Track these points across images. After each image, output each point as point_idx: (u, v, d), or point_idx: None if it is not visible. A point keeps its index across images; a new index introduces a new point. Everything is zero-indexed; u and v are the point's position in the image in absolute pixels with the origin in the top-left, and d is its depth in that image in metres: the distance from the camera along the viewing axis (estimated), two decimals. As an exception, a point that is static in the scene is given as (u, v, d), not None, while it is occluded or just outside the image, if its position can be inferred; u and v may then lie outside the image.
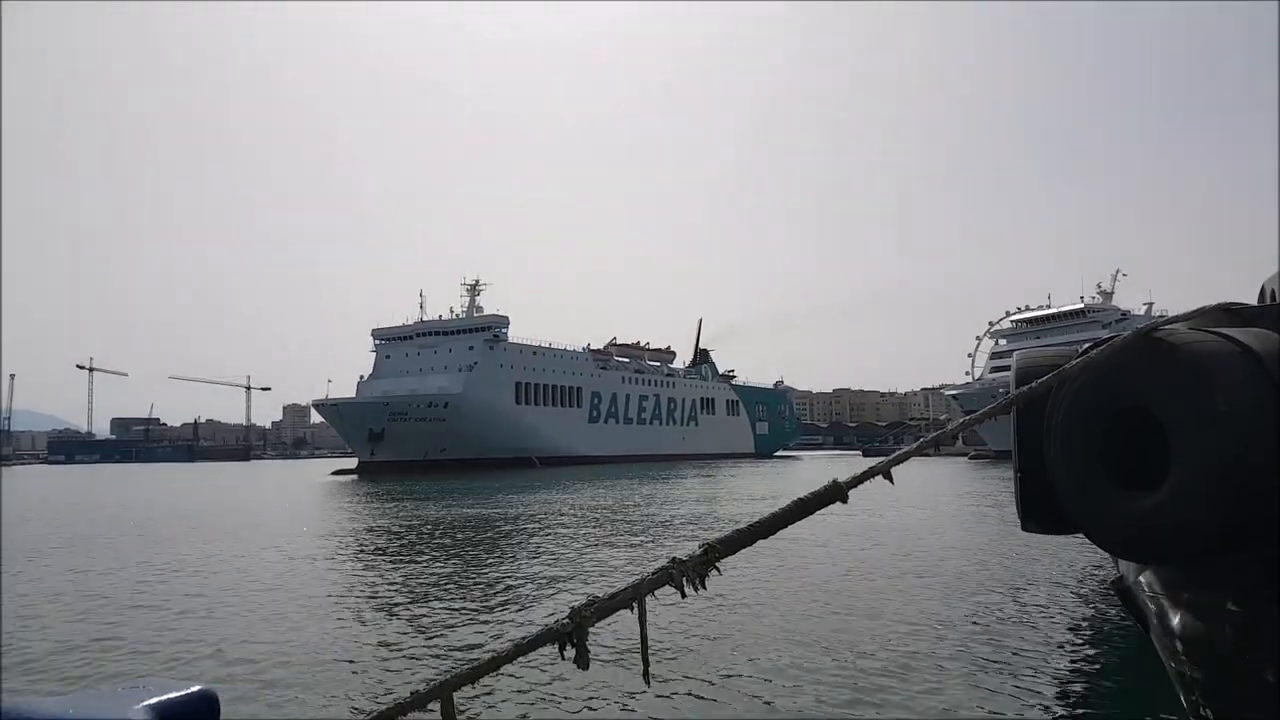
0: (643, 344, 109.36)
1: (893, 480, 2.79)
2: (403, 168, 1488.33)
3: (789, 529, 2.74)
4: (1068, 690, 6.36)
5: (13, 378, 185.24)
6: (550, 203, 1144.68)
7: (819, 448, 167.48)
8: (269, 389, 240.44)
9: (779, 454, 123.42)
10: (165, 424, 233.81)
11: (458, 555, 15.00)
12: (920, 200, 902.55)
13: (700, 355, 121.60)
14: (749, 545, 2.69)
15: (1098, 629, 8.34)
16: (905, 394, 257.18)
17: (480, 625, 8.97)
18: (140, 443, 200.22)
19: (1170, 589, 3.80)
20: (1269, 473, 3.13)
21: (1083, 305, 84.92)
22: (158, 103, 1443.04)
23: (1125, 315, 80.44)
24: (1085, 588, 10.28)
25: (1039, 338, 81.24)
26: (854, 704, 6.06)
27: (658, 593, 2.57)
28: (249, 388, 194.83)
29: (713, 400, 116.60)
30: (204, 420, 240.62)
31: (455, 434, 74.01)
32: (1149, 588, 4.02)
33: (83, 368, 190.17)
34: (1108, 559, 6.87)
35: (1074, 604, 9.43)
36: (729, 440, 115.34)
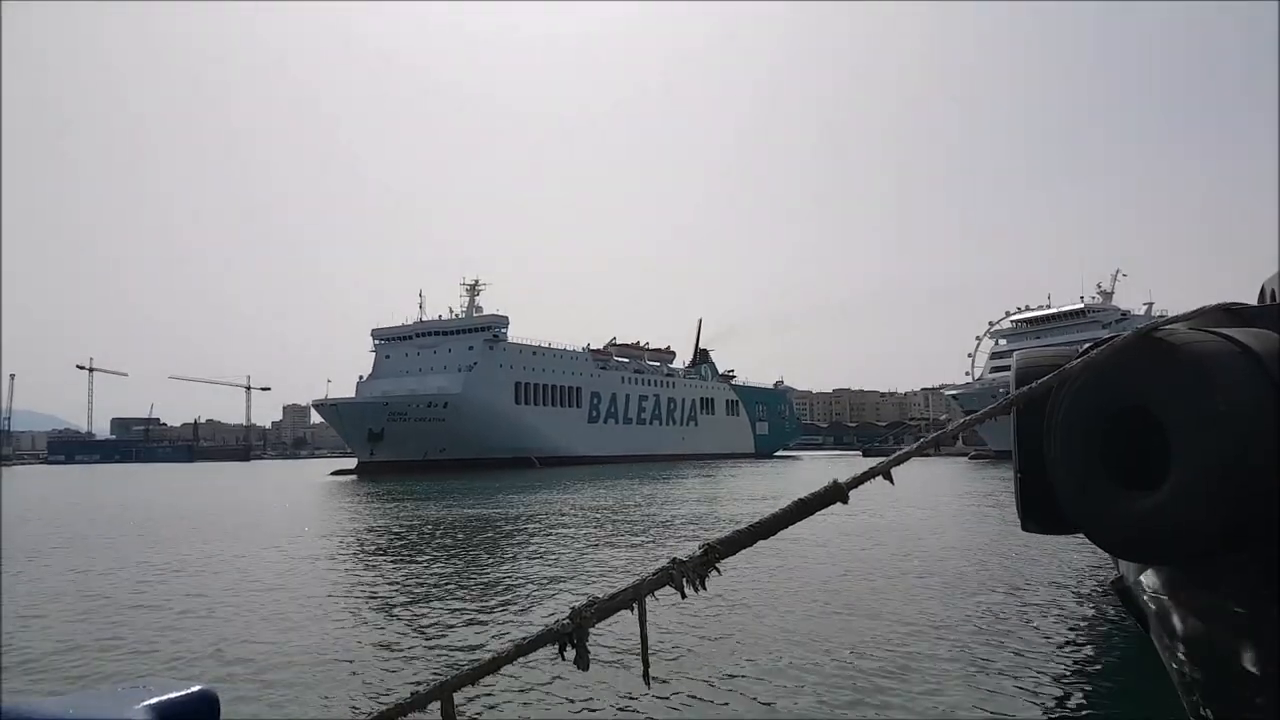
0: (642, 344, 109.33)
1: (893, 481, 2.79)
2: (403, 167, 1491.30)
3: (789, 529, 2.74)
4: (1068, 690, 6.36)
5: (13, 378, 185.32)
6: (550, 202, 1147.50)
7: (819, 448, 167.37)
8: (269, 389, 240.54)
9: (779, 454, 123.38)
10: (165, 424, 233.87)
11: (457, 555, 15.00)
12: (920, 200, 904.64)
13: (700, 355, 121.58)
14: (749, 546, 2.69)
15: (1098, 629, 8.34)
16: (905, 394, 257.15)
17: (480, 625, 8.97)
18: (140, 443, 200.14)
19: (1170, 589, 3.80)
20: (1269, 473, 3.13)
21: (1083, 305, 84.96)
22: (158, 102, 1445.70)
23: (1125, 315, 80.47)
24: (1085, 588, 10.28)
25: (1039, 338, 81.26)
26: (854, 704, 6.06)
27: (658, 593, 2.57)
28: (249, 388, 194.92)
29: (712, 400, 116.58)
30: (204, 420, 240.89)
31: (455, 434, 74.00)
32: (1149, 588, 4.02)
33: (83, 368, 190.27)
34: (1108, 559, 6.88)
35: (1074, 604, 9.43)
36: (729, 440, 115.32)
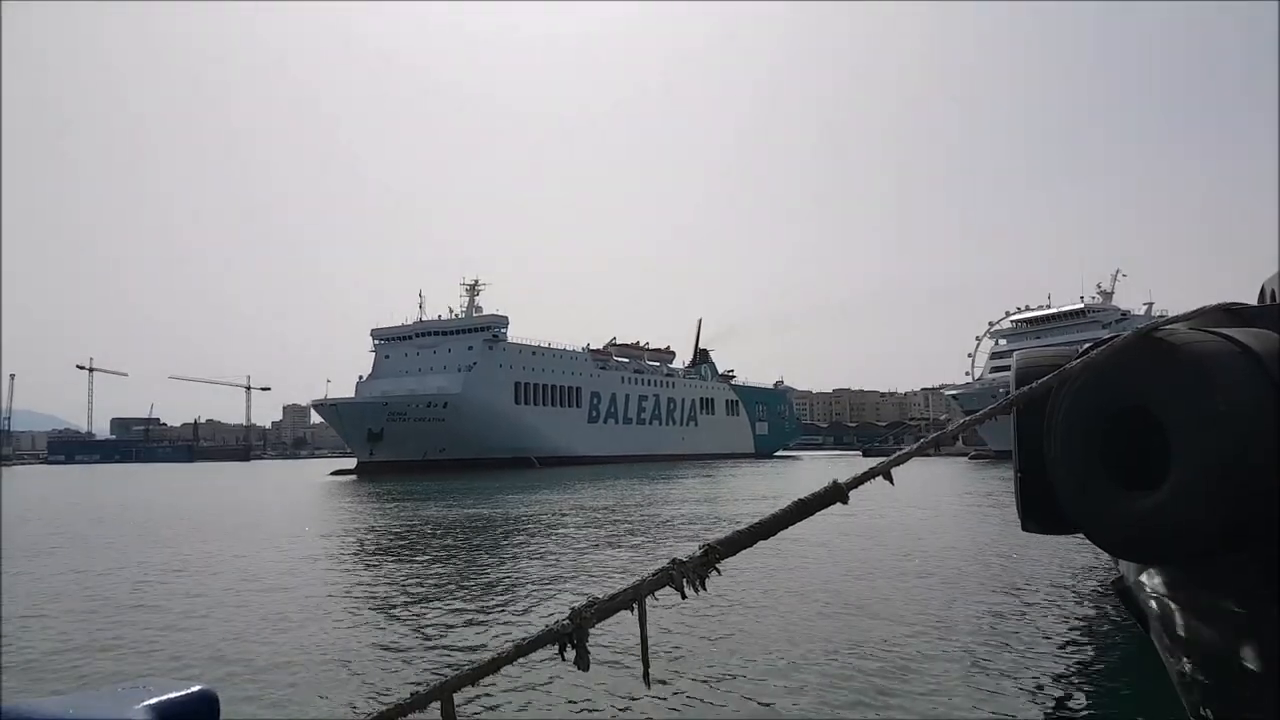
0: (642, 344, 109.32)
1: (893, 481, 2.79)
2: (403, 167, 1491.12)
3: (789, 529, 2.74)
4: (1068, 690, 6.36)
5: (13, 378, 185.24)
6: (550, 202, 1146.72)
7: (819, 448, 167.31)
8: (269, 389, 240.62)
9: (779, 454, 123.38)
10: (165, 424, 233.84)
11: (457, 556, 15.00)
12: (920, 200, 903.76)
13: (700, 355, 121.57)
14: (749, 546, 2.69)
15: (1098, 629, 8.34)
16: (905, 394, 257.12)
17: (480, 626, 8.97)
18: (140, 443, 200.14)
19: (1170, 589, 3.80)
20: (1269, 473, 3.13)
21: (1083, 305, 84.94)
22: (158, 102, 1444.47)
23: (1125, 315, 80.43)
24: (1085, 588, 10.29)
25: (1039, 338, 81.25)
26: (855, 705, 6.06)
27: (658, 594, 2.57)
28: (249, 388, 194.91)
29: (712, 400, 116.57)
30: (204, 420, 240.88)
31: (454, 434, 73.99)
32: (1149, 588, 4.03)
33: (83, 368, 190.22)
34: (1108, 559, 6.88)
35: (1074, 604, 9.43)
36: (728, 440, 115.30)
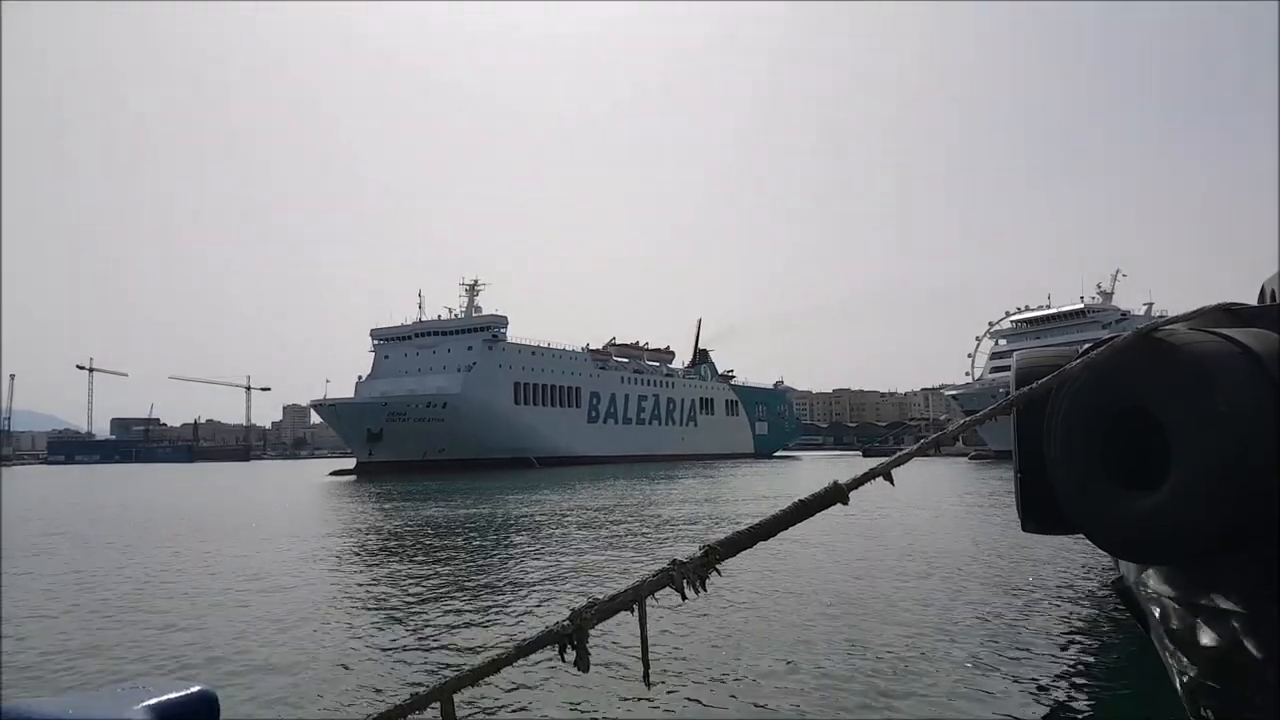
0: (642, 344, 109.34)
1: (893, 482, 2.80)
2: (403, 167, 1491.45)
3: (790, 530, 2.74)
4: (1068, 690, 6.36)
5: (13, 378, 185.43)
6: (550, 202, 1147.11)
7: (819, 448, 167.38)
8: (269, 389, 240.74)
9: (779, 454, 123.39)
10: (165, 424, 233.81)
11: (457, 556, 15.00)
12: (920, 200, 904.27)
13: (699, 355, 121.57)
14: (749, 547, 2.69)
15: (1098, 629, 8.34)
16: (905, 394, 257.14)
17: (480, 627, 8.97)
18: (140, 443, 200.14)
19: (1170, 589, 3.80)
20: (1269, 473, 3.13)
21: (1083, 305, 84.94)
22: (158, 102, 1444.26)
23: (1125, 315, 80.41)
24: (1085, 588, 10.29)
25: (1039, 338, 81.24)
26: (855, 705, 6.06)
27: (658, 594, 2.57)
28: (249, 388, 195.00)
29: (712, 400, 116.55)
30: (204, 420, 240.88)
31: (454, 434, 73.98)
32: (1149, 588, 4.03)
33: (83, 368, 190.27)
34: (1108, 559, 6.87)
35: (1074, 604, 9.43)
36: (728, 440, 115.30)
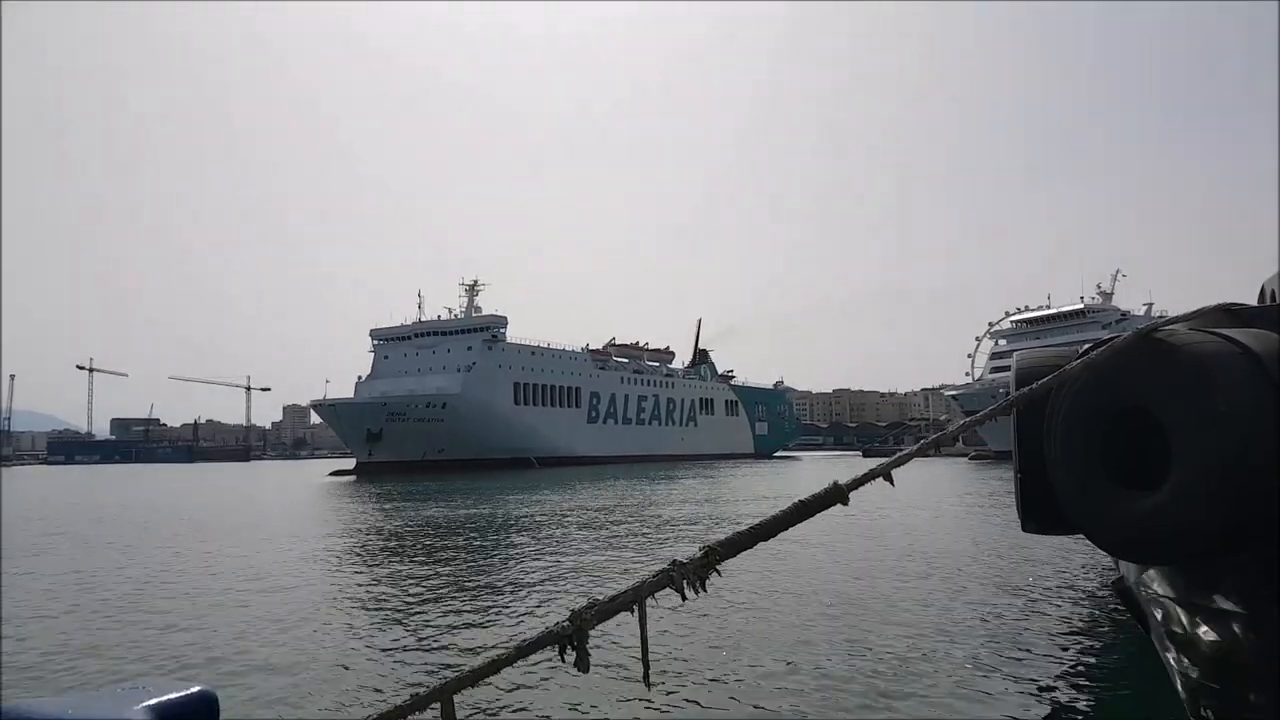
0: (642, 344, 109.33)
1: (893, 482, 2.79)
2: (402, 167, 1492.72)
3: (790, 530, 2.74)
4: (1068, 690, 6.36)
5: (13, 378, 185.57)
6: (549, 202, 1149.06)
7: (819, 448, 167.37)
8: (269, 389, 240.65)
9: (778, 454, 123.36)
10: (165, 424, 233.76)
11: (457, 557, 15.00)
12: (920, 200, 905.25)
13: (699, 355, 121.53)
14: (749, 547, 2.69)
15: (1098, 629, 8.34)
16: (905, 394, 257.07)
17: (480, 627, 8.96)
18: (140, 443, 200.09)
19: (1170, 589, 3.80)
20: (1269, 473, 3.13)
21: (1082, 306, 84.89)
22: (158, 102, 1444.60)
23: (1125, 316, 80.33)
24: (1085, 588, 10.29)
25: (1039, 338, 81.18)
26: (855, 705, 6.06)
27: (658, 595, 2.57)
28: (249, 388, 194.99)
29: (712, 401, 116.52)
30: (204, 421, 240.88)
31: (453, 434, 73.93)
32: (1149, 588, 4.02)
33: (83, 368, 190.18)
34: (1108, 559, 6.87)
35: (1074, 604, 9.43)
36: (728, 441, 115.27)
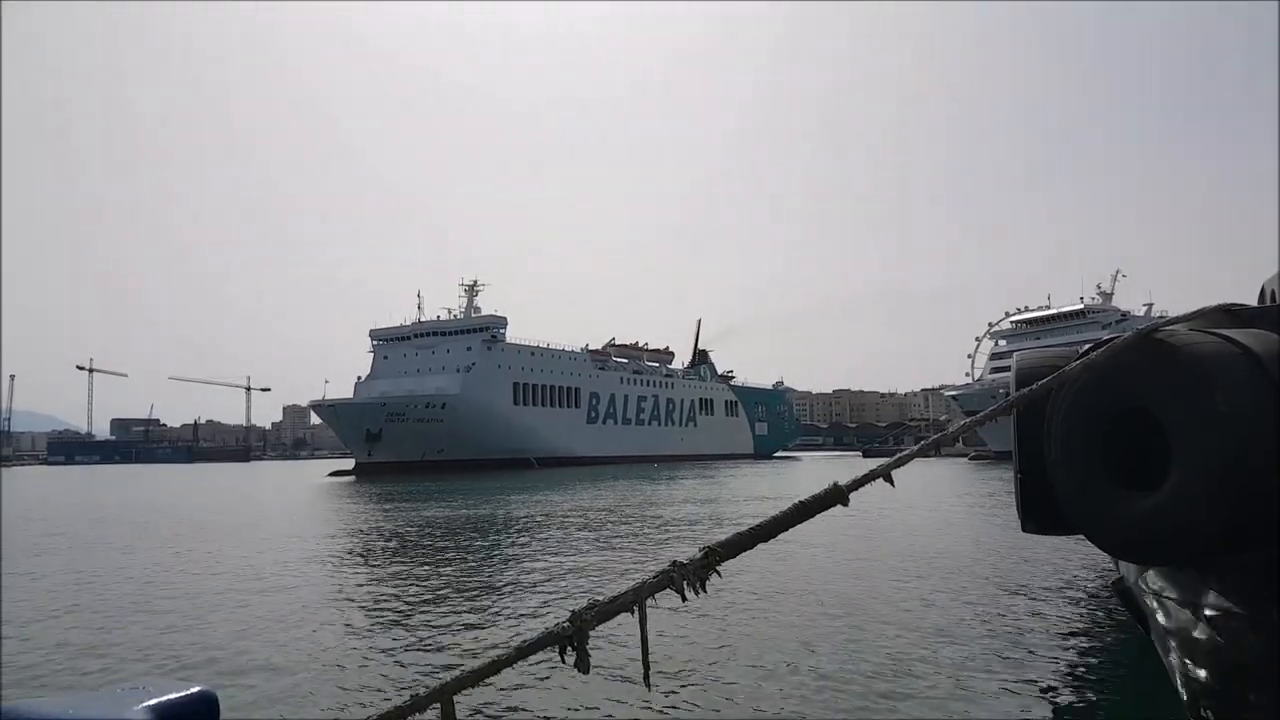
0: (641, 344, 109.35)
1: (893, 483, 2.79)
2: (402, 167, 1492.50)
3: (790, 531, 2.74)
4: (1068, 690, 6.36)
5: (13, 378, 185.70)
6: (549, 202, 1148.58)
7: (819, 448, 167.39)
8: (269, 390, 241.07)
9: (778, 455, 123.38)
10: (165, 424, 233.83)
11: (456, 557, 14.99)
12: (920, 200, 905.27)
13: (699, 355, 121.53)
14: (750, 548, 2.69)
15: (1098, 629, 8.34)
16: (905, 394, 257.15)
17: (480, 628, 8.96)
18: (140, 443, 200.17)
19: (1170, 589, 3.80)
20: (1269, 473, 3.13)
21: (1082, 306, 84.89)
22: (158, 102, 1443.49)
23: (1125, 316, 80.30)
24: (1085, 588, 10.28)
25: (1039, 339, 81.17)
26: (855, 706, 6.06)
27: (658, 596, 2.57)
28: (249, 388, 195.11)
29: (711, 401, 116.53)
30: (204, 421, 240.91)
31: (453, 435, 73.94)
32: (1149, 588, 4.03)
33: (83, 368, 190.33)
34: (1108, 560, 6.87)
35: (1074, 604, 9.43)
36: (728, 441, 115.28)
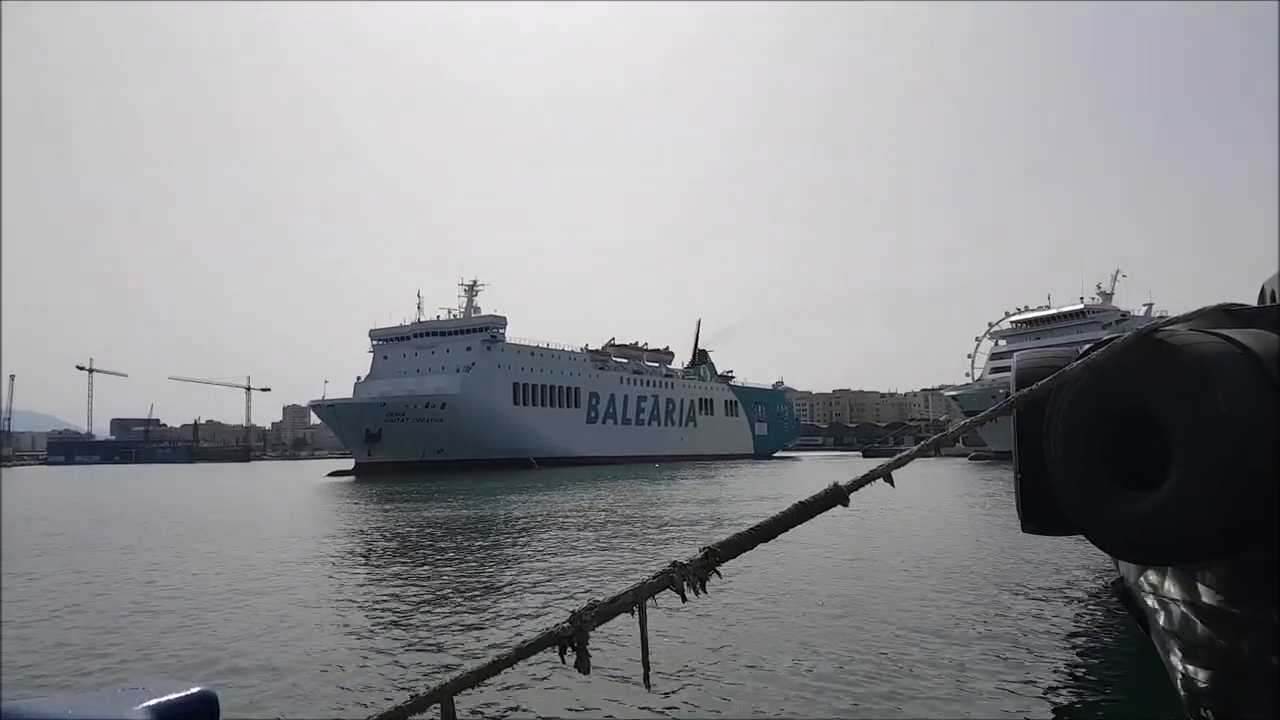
0: (641, 344, 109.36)
1: (894, 483, 2.79)
2: (402, 167, 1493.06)
3: (790, 531, 2.74)
4: (1068, 690, 6.36)
5: (13, 378, 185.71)
6: (549, 202, 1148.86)
7: (819, 449, 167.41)
8: (269, 390, 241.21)
9: (778, 455, 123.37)
10: (165, 424, 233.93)
11: (456, 557, 14.99)
12: (920, 200, 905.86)
13: (699, 355, 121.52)
14: (750, 549, 2.69)
15: (1098, 629, 8.34)
16: (905, 394, 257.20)
17: (481, 629, 8.96)
18: (140, 443, 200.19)
19: (1170, 589, 3.80)
20: (1269, 474, 3.13)
21: (1082, 306, 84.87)
22: (158, 102, 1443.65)
23: (1125, 316, 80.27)
24: (1085, 588, 10.28)
25: (1039, 339, 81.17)
26: (855, 706, 6.06)
27: (658, 596, 2.57)
28: (249, 388, 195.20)
29: (711, 401, 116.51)
30: (204, 421, 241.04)
31: (453, 435, 73.92)
32: (1149, 588, 4.03)
33: (83, 368, 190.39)
34: (1108, 560, 6.88)
35: (1074, 604, 9.43)
36: (728, 441, 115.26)
